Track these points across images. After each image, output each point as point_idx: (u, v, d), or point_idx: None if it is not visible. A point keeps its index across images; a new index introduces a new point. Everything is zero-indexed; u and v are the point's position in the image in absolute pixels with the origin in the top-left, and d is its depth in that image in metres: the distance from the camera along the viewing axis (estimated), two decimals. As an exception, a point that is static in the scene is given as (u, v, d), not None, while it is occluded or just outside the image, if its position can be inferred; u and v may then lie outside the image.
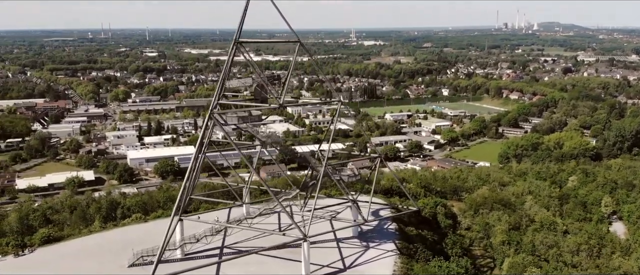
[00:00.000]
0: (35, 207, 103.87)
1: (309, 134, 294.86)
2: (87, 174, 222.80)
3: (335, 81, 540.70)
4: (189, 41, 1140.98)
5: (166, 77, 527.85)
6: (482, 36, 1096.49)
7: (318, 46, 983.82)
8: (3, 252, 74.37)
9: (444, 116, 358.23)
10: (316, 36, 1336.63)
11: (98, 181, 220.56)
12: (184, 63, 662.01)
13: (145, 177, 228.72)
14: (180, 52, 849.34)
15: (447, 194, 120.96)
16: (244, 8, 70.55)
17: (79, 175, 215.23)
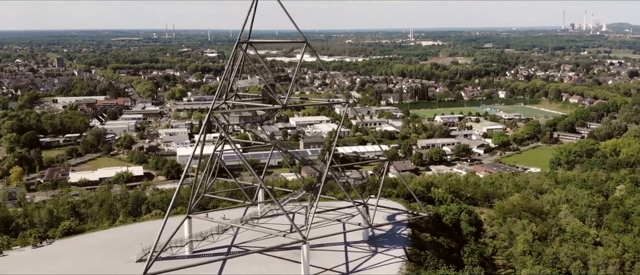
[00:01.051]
0: (68, 200, 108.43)
1: (353, 135, 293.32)
2: (137, 169, 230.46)
3: (388, 82, 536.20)
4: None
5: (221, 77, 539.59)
6: (547, 37, 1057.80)
7: (374, 47, 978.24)
8: (25, 243, 77.98)
9: (498, 119, 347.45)
10: (373, 36, 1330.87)
11: (147, 177, 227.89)
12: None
13: (191, 174, 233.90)
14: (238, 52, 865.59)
15: (478, 200, 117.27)
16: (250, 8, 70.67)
17: (129, 171, 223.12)
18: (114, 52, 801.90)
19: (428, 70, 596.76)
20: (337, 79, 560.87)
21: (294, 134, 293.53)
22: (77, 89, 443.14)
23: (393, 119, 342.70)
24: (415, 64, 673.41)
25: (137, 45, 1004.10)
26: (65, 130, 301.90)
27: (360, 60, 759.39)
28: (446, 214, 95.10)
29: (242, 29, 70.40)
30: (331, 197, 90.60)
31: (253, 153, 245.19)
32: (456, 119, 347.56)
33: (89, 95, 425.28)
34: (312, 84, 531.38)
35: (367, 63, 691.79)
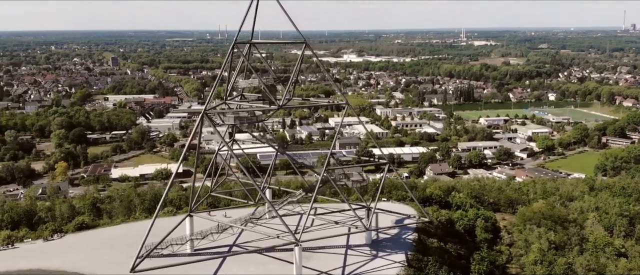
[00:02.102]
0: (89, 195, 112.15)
1: (392, 137, 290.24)
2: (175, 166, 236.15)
3: (434, 83, 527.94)
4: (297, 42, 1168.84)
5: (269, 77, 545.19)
6: (605, 38, 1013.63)
7: (423, 46, 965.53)
8: (40, 236, 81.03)
9: (545, 122, 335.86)
10: (423, 36, 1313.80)
11: (186, 174, 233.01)
12: (287, 63, 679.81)
13: (228, 172, 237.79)
14: (287, 53, 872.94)
15: (501, 206, 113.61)
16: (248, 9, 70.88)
17: (168, 168, 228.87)
18: (167, 52, 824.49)
19: (477, 70, 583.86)
20: (382, 79, 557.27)
21: (331, 134, 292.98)
22: (128, 88, 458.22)
23: (435, 121, 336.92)
24: (464, 64, 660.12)
25: (190, 45, 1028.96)
26: (112, 127, 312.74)
27: (407, 60, 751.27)
28: (460, 220, 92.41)
29: (238, 30, 70.61)
30: (336, 199, 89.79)
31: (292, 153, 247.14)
32: (501, 121, 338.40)
33: (138, 93, 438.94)
34: (355, 84, 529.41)
35: (414, 63, 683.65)
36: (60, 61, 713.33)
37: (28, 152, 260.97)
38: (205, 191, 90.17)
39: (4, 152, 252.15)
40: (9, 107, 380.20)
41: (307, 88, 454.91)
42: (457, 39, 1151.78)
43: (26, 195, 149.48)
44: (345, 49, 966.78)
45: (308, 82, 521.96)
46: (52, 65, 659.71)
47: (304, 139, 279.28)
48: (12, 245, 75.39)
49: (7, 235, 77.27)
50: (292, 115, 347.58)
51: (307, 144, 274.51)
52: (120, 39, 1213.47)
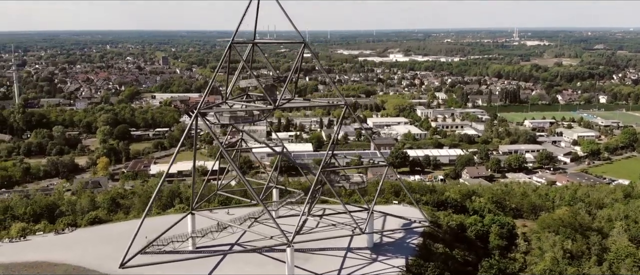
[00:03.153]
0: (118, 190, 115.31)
1: (430, 138, 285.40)
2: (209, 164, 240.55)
3: (481, 83, 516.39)
4: (344, 42, 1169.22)
5: (311, 77, 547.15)
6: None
7: (473, 46, 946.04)
8: (54, 229, 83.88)
9: (592, 126, 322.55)
10: (474, 35, 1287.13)
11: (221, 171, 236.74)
12: (332, 63, 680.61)
13: (262, 171, 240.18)
14: (332, 53, 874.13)
15: (523, 212, 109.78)
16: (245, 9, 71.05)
17: (204, 165, 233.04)
18: (217, 52, 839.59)
19: (527, 71, 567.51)
20: (427, 79, 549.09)
21: (367, 134, 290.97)
22: (175, 86, 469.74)
23: (477, 122, 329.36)
24: (514, 64, 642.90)
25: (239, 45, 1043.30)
26: (156, 124, 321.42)
27: (456, 60, 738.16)
28: (473, 225, 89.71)
29: (235, 30, 70.93)
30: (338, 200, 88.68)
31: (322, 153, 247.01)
32: (547, 124, 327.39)
33: (184, 92, 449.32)
34: (398, 84, 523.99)
35: (462, 63, 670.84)
36: (113, 60, 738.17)
37: (74, 147, 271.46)
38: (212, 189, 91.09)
39: (51, 147, 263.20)
40: (61, 103, 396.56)
41: (348, 88, 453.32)
42: (509, 39, 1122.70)
43: (55, 190, 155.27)
44: (392, 49, 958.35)
45: (351, 82, 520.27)
46: (105, 64, 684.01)
47: (340, 139, 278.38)
48: (25, 238, 78.29)
49: (22, 228, 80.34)
50: (331, 114, 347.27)
51: (343, 144, 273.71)
52: (173, 39, 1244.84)
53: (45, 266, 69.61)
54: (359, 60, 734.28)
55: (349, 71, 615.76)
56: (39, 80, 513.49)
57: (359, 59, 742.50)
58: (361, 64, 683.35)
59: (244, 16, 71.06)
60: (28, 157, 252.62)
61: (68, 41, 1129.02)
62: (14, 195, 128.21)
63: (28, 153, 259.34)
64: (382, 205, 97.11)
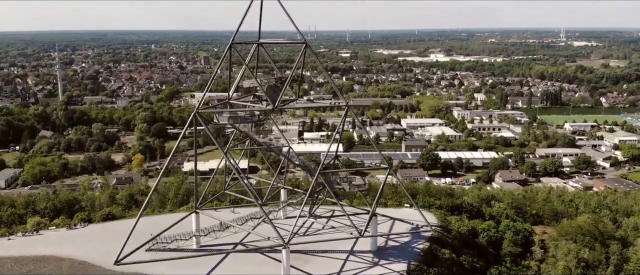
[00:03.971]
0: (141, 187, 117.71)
1: (465, 140, 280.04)
2: (243, 162, 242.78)
3: (523, 84, 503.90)
4: (385, 42, 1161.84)
5: (348, 77, 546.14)
6: None
7: (517, 46, 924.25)
8: (68, 224, 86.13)
9: (636, 130, 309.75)
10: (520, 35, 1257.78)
11: (252, 169, 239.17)
12: (370, 63, 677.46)
13: (291, 170, 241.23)
14: (372, 53, 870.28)
15: (544, 218, 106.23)
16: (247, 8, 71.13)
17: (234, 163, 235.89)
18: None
19: (571, 72, 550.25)
20: (467, 79, 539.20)
21: (399, 135, 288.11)
22: (214, 86, 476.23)
23: (515, 125, 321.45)
24: (559, 65, 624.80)
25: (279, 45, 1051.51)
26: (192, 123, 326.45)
27: (498, 60, 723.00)
28: (485, 231, 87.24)
29: (236, 30, 70.97)
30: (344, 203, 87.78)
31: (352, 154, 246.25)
32: (588, 127, 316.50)
33: (223, 91, 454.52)
34: (437, 85, 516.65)
35: (504, 63, 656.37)
36: (157, 59, 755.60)
37: (112, 144, 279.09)
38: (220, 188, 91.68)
39: (89, 143, 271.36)
40: (102, 101, 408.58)
41: (384, 88, 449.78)
42: (556, 39, 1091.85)
43: (81, 186, 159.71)
44: (434, 48, 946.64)
45: (388, 82, 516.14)
46: (148, 63, 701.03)
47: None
48: (38, 232, 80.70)
49: (37, 222, 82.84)
50: (365, 115, 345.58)
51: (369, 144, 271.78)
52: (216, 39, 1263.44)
53: (52, 260, 71.48)
54: (398, 60, 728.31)
55: (387, 71, 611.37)
56: (84, 78, 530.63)
57: (398, 59, 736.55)
58: (400, 63, 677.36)
59: (245, 16, 70.70)
60: (68, 153, 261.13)
61: (115, 40, 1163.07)
62: (41, 190, 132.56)
63: (68, 149, 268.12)
64: (395, 208, 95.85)
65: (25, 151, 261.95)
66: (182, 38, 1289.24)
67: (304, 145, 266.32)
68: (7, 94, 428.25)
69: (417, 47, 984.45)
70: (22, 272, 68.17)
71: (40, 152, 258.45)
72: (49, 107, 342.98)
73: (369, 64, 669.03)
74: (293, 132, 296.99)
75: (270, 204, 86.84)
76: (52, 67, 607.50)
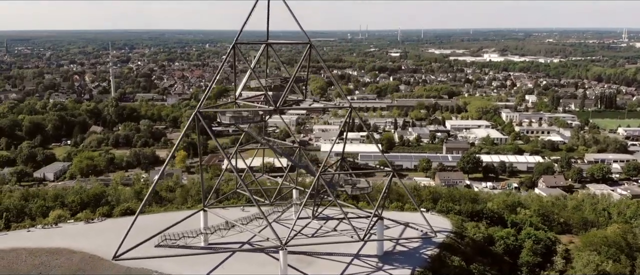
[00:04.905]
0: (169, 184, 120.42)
1: (511, 143, 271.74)
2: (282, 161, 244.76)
3: (578, 86, 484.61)
4: (437, 41, 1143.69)
5: (396, 77, 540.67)
6: None
7: (576, 47, 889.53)
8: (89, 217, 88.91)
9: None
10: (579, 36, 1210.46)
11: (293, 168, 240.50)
12: (419, 63, 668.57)
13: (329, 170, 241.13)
14: (423, 52, 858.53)
15: (573, 227, 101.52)
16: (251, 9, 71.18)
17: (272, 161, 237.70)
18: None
19: (630, 75, 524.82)
20: (520, 80, 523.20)
21: (442, 137, 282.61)
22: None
23: (565, 128, 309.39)
24: (618, 67, 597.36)
25: (330, 45, 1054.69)
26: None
27: (555, 61, 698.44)
28: (503, 238, 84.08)
29: (240, 30, 71.11)
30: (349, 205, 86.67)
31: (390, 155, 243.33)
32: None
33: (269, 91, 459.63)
34: (488, 85, 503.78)
35: (561, 65, 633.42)
36: (209, 58, 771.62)
37: (158, 140, 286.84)
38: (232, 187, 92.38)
39: (136, 139, 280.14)
40: (153, 98, 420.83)
41: (431, 88, 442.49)
42: (617, 40, 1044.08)
43: (113, 181, 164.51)
44: (487, 48, 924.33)
45: (436, 82, 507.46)
46: (201, 62, 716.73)
47: (412, 141, 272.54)
48: (57, 225, 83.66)
49: (58, 215, 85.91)
50: (408, 116, 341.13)
51: (415, 146, 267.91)
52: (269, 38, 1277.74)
53: (64, 253, 73.91)
54: (449, 59, 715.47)
55: (437, 71, 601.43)
56: (138, 76, 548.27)
57: (449, 59, 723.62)
58: (450, 63, 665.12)
59: (250, 16, 70.82)
60: (115, 148, 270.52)
61: (171, 40, 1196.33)
62: (77, 183, 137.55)
63: (116, 144, 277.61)
64: (411, 212, 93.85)
65: (75, 145, 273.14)
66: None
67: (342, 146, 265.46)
68: (64, 90, 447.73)
69: (470, 47, 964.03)
70: (34, 264, 70.90)
71: (89, 147, 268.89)
72: (101, 103, 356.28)
73: (418, 64, 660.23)
74: (333, 132, 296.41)
75: (275, 204, 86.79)
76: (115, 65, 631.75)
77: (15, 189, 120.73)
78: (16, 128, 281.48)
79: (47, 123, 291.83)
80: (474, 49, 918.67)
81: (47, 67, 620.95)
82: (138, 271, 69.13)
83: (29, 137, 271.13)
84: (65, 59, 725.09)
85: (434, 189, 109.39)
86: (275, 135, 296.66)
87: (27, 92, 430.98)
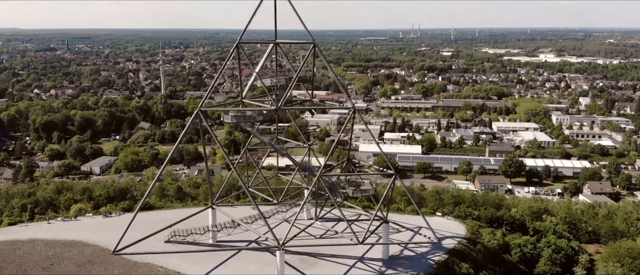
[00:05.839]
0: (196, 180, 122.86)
1: (558, 147, 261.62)
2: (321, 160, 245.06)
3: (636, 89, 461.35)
4: (492, 41, 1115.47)
5: (445, 77, 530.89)
6: None
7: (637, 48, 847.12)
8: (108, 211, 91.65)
9: None
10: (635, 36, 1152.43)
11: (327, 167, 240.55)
12: (470, 62, 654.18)
13: (365, 170, 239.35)
14: (476, 52, 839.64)
15: (601, 236, 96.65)
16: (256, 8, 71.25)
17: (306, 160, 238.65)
18: (356, 51, 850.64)
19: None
20: (575, 82, 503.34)
21: (486, 139, 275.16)
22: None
23: (617, 132, 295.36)
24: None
25: (380, 44, 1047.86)
26: (279, 119, 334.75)
27: (614, 62, 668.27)
28: (520, 246, 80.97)
29: (244, 30, 71.35)
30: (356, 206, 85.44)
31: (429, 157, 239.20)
32: None
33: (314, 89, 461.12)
34: (542, 87, 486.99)
35: (620, 66, 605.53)
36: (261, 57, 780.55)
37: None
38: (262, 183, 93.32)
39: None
40: (202, 96, 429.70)
41: (479, 89, 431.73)
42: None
43: (145, 176, 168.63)
44: (544, 48, 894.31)
45: (487, 83, 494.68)
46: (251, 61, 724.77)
47: (454, 143, 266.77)
48: (76, 218, 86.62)
49: (79, 209, 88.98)
50: (454, 117, 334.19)
51: (457, 148, 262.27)
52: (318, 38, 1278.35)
53: (78, 245, 76.50)
54: (503, 59, 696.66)
55: (488, 71, 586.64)
56: (189, 74, 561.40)
57: (503, 59, 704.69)
58: (503, 63, 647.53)
59: (254, 15, 70.94)
60: (161, 144, 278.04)
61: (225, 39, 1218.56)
62: (110, 177, 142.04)
63: (162, 140, 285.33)
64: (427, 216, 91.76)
65: (123, 141, 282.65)
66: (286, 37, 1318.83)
67: (382, 146, 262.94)
68: (117, 87, 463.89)
69: (526, 47, 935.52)
70: (48, 255, 73.62)
71: (136, 142, 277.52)
72: (151, 100, 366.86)
73: (470, 63, 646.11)
74: (374, 132, 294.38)
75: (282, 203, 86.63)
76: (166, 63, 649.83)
77: (51, 182, 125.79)
78: (68, 123, 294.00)
79: (97, 118, 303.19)
80: (529, 49, 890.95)
81: (104, 64, 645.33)
82: (143, 266, 70.78)
83: (80, 132, 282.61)
84: (122, 57, 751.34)
85: (456, 192, 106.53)
86: (315, 134, 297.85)
87: (82, 88, 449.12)
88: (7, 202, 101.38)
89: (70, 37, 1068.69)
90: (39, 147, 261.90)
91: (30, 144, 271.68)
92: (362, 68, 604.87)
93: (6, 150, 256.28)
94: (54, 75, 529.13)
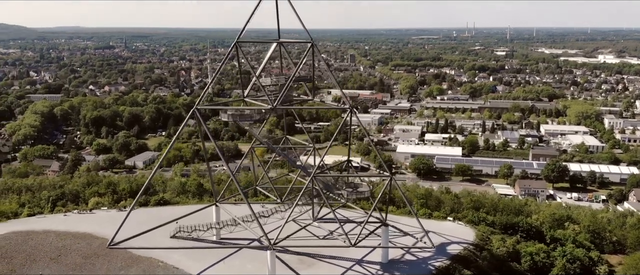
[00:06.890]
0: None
1: (607, 152, 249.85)
2: (356, 159, 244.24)
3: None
4: (549, 40, 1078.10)
5: (496, 77, 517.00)
6: None
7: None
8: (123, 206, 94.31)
9: None
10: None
11: (362, 168, 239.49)
12: (525, 62, 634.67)
13: (402, 171, 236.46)
14: (532, 52, 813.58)
15: (627, 247, 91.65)
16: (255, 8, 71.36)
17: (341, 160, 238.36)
18: (407, 50, 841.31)
19: None
20: (634, 84, 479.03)
21: (531, 142, 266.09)
22: (351, 83, 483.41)
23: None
24: None
25: (432, 43, 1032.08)
26: (319, 118, 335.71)
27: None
28: (532, 254, 77.78)
29: (242, 29, 71.66)
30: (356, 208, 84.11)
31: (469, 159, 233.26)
32: None
33: (358, 89, 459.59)
34: (597, 89, 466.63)
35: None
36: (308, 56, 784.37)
37: (244, 134, 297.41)
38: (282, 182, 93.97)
39: (224, 132, 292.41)
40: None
41: (530, 90, 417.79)
42: None
43: (173, 172, 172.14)
44: (603, 49, 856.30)
45: (540, 84, 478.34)
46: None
47: (498, 146, 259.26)
48: (91, 211, 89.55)
49: (96, 202, 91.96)
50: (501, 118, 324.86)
51: (500, 151, 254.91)
52: (370, 37, 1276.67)
53: (87, 237, 79.10)
54: (559, 60, 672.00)
55: (543, 72, 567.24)
56: (237, 73, 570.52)
57: (559, 59, 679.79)
58: (559, 64, 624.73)
59: (253, 15, 71.13)
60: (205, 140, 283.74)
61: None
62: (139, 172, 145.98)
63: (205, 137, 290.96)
64: (439, 221, 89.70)
65: (169, 137, 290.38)
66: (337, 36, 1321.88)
67: (421, 147, 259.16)
68: (168, 85, 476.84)
69: (585, 47, 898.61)
70: (58, 246, 76.44)
71: (180, 139, 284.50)
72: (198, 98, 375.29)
73: (524, 63, 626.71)
74: (414, 133, 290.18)
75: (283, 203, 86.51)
76: (214, 61, 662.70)
77: (83, 175, 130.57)
78: (117, 118, 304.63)
79: (145, 114, 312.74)
80: (588, 49, 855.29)
81: (159, 62, 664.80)
82: (145, 260, 72.43)
83: (128, 127, 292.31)
84: (176, 56, 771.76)
85: (477, 197, 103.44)
86: (354, 134, 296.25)
87: (134, 85, 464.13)
88: (37, 193, 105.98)
89: (128, 36, 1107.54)
90: (88, 141, 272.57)
91: (80, 138, 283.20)
92: (410, 67, 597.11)
93: (56, 144, 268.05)
94: (109, 72, 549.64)
